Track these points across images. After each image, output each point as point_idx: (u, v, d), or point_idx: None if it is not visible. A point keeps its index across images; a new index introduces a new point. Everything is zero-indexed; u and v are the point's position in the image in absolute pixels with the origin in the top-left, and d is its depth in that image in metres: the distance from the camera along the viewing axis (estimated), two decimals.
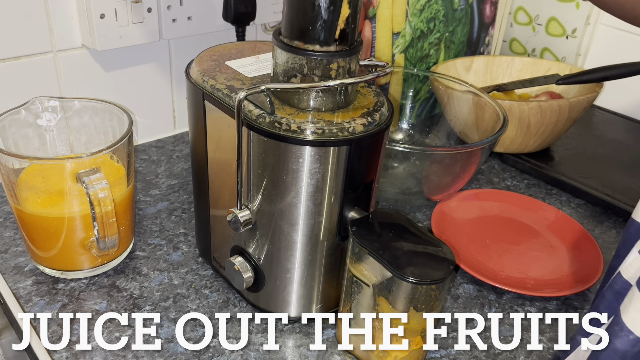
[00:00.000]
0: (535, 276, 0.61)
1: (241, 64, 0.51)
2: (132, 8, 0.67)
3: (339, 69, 0.43)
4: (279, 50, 0.44)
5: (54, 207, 0.52)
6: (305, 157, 0.43)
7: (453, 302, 0.58)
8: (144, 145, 0.80)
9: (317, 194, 0.46)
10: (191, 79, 0.50)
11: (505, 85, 0.87)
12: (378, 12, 0.78)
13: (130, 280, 0.57)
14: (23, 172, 0.52)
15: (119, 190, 0.55)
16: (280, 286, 0.51)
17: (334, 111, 0.45)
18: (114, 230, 0.51)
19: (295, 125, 0.43)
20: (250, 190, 0.48)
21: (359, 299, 0.48)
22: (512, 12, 1.05)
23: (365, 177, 0.48)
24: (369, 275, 0.46)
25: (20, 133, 0.56)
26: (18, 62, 0.66)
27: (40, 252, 0.55)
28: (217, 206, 0.54)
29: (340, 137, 0.43)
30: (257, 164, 0.46)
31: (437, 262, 0.44)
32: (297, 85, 0.43)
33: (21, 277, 0.56)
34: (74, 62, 0.70)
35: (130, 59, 0.74)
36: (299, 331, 0.53)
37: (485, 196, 0.73)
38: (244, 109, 0.45)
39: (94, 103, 0.59)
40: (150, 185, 0.72)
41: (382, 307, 0.46)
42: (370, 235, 0.46)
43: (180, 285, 0.57)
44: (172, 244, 0.62)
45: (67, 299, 0.54)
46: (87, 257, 0.55)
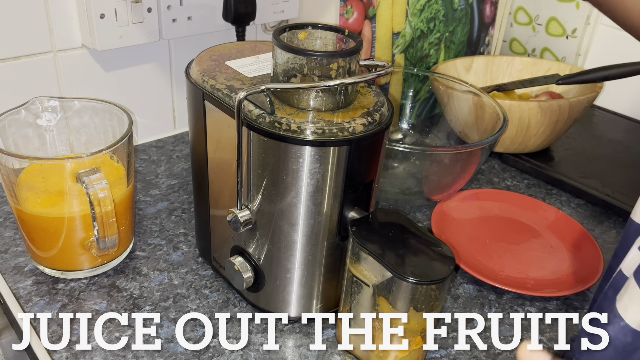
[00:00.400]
0: (535, 276, 0.61)
1: (241, 64, 0.51)
2: (132, 8, 0.67)
3: (339, 69, 0.43)
4: (279, 50, 0.44)
5: (54, 207, 0.52)
6: (305, 157, 0.43)
7: (453, 302, 0.58)
8: (144, 145, 0.80)
9: (317, 194, 0.46)
10: (191, 79, 0.50)
11: (506, 85, 0.87)
12: (378, 12, 0.78)
13: (130, 280, 0.57)
14: (23, 172, 0.52)
15: (119, 190, 0.55)
16: (280, 286, 0.51)
17: (334, 111, 0.45)
18: (114, 231, 0.51)
19: (295, 125, 0.43)
20: (250, 190, 0.48)
21: (359, 299, 0.48)
22: (512, 12, 1.05)
23: (365, 177, 0.48)
24: (369, 275, 0.46)
25: (20, 133, 0.56)
26: (18, 62, 0.66)
27: (40, 252, 0.55)
28: (217, 206, 0.54)
29: (340, 137, 0.43)
30: (257, 164, 0.46)
31: (437, 262, 0.44)
32: (297, 85, 0.43)
33: (21, 277, 0.56)
34: (74, 62, 0.70)
35: (130, 59, 0.74)
36: (299, 331, 0.53)
37: (485, 196, 0.73)
38: (244, 109, 0.45)
39: (94, 103, 0.59)
40: (150, 185, 0.72)
41: (382, 307, 0.46)
42: (370, 236, 0.46)
43: (180, 285, 0.57)
44: (172, 244, 0.62)
45: (67, 299, 0.54)
46: (87, 257, 0.55)
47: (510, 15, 1.05)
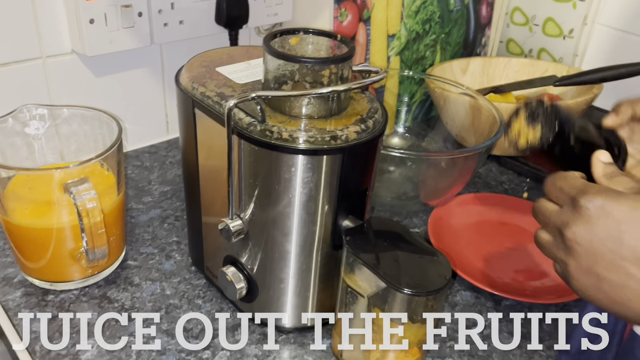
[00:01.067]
0: (535, 283, 0.60)
1: (232, 70, 0.50)
2: (122, 13, 0.66)
3: (331, 75, 0.42)
4: (270, 57, 0.43)
5: (42, 217, 0.51)
6: (298, 166, 0.42)
7: (451, 309, 0.57)
8: (136, 151, 0.79)
9: (310, 203, 0.45)
10: (181, 86, 0.49)
11: (502, 87, 0.86)
12: (373, 14, 0.77)
13: (122, 291, 0.56)
14: (10, 182, 0.51)
15: (109, 200, 0.54)
16: (274, 296, 0.50)
17: (327, 118, 0.44)
18: (103, 242, 0.50)
19: (286, 134, 0.42)
20: (242, 199, 0.47)
21: (353, 310, 0.47)
22: (508, 12, 1.04)
23: (359, 185, 0.47)
24: (363, 286, 0.45)
25: (8, 142, 0.55)
26: (6, 69, 0.65)
27: (28, 263, 0.54)
28: (209, 215, 0.53)
29: (333, 145, 0.42)
30: (248, 173, 0.45)
31: (433, 272, 0.43)
32: (288, 93, 0.42)
33: (10, 289, 0.55)
34: (63, 68, 0.68)
35: (121, 64, 0.73)
36: (294, 342, 0.52)
37: (483, 200, 0.72)
38: (234, 117, 0.44)
39: (83, 110, 0.58)
40: (142, 192, 0.71)
41: (377, 318, 0.45)
42: (365, 245, 0.45)
43: (173, 295, 0.56)
44: (164, 253, 0.61)
45: (57, 310, 0.53)
46: (77, 267, 0.54)
47: (507, 15, 1.04)
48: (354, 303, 0.46)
